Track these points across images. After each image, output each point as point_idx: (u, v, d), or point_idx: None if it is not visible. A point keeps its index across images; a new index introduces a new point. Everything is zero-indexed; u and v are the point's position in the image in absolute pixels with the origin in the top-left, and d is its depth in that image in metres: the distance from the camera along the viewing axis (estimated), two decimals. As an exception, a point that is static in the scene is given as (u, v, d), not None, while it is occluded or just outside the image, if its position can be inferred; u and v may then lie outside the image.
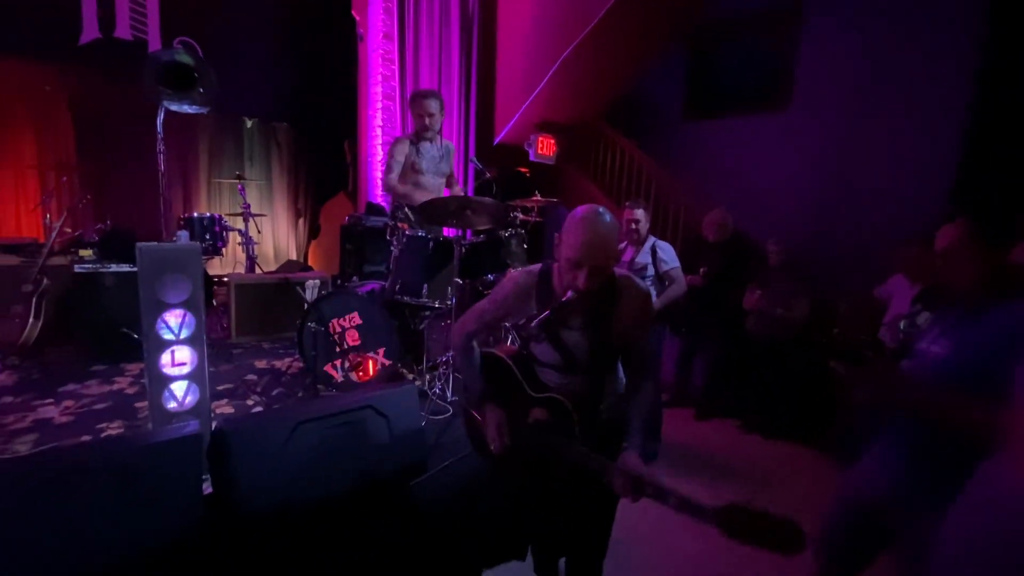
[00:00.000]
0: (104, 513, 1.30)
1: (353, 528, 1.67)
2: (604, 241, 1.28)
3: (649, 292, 1.37)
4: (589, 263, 1.26)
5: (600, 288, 1.31)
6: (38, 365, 2.84)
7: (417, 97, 2.90)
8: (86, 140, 4.11)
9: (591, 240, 1.26)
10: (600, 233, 1.28)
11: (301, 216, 5.39)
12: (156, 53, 1.69)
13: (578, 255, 1.26)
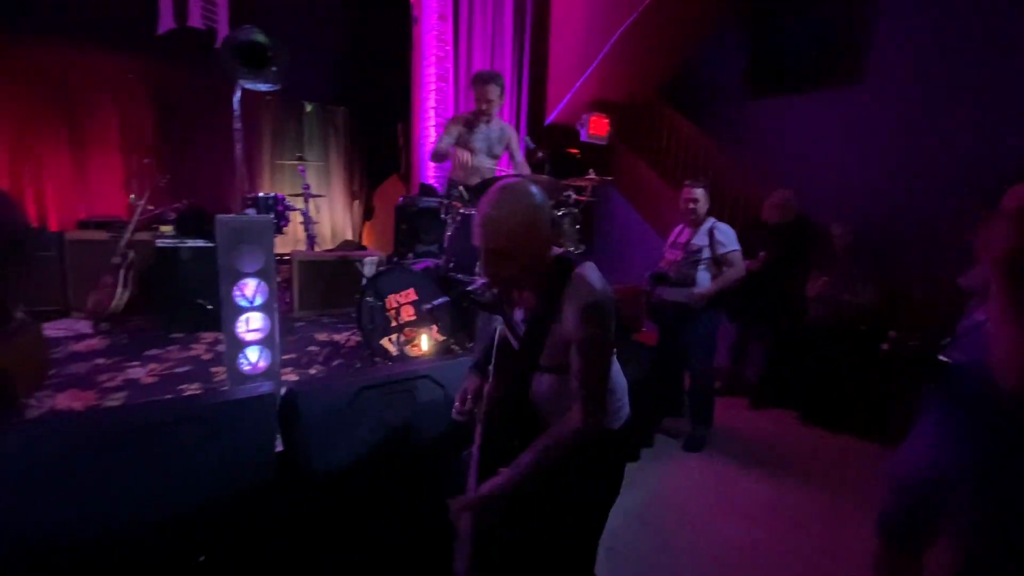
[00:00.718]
0: (189, 461, 1.43)
1: (408, 489, 1.75)
2: (500, 222, 1.10)
3: (597, 294, 1.09)
4: (482, 245, 1.12)
5: (549, 279, 1.15)
6: (125, 331, 3.10)
7: (479, 80, 2.91)
8: (164, 124, 4.40)
9: (485, 219, 1.12)
10: (499, 212, 1.11)
11: (356, 198, 5.57)
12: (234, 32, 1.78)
13: (475, 236, 1.13)
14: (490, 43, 4.38)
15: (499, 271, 1.15)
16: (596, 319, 1.11)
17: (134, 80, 4.36)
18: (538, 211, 1.13)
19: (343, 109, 5.39)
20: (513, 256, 1.12)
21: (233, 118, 1.82)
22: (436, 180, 4.28)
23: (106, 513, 1.32)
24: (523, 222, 1.11)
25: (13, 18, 3.67)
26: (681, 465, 2.80)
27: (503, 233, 1.10)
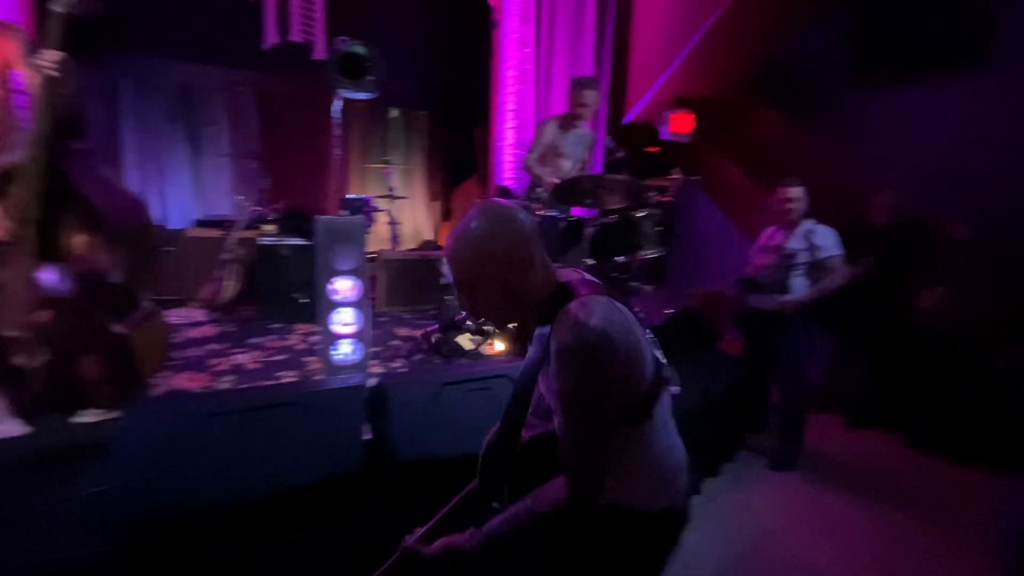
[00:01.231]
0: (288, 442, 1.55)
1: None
2: (457, 251, 1.00)
3: (581, 335, 0.91)
4: (451, 277, 1.04)
5: (543, 313, 1.00)
6: (233, 320, 3.42)
7: (578, 85, 2.94)
8: (268, 131, 4.81)
9: (445, 248, 1.04)
10: (456, 242, 1.01)
11: (436, 199, 5.76)
12: (335, 45, 1.90)
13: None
14: (571, 44, 4.36)
15: (472, 305, 1.05)
16: (575, 368, 0.92)
17: (242, 92, 4.80)
18: (501, 237, 0.98)
19: (425, 114, 5.59)
20: (479, 287, 1.01)
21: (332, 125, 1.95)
22: (514, 181, 4.32)
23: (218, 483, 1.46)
24: (483, 250, 0.98)
25: (145, 41, 4.15)
26: (767, 485, 2.63)
27: (460, 262, 1.01)
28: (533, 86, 4.33)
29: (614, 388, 0.95)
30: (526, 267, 1.00)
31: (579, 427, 0.96)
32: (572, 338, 0.92)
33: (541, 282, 1.02)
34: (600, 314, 0.94)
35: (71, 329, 1.80)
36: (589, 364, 0.92)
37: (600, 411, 0.96)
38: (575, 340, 0.92)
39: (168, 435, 1.40)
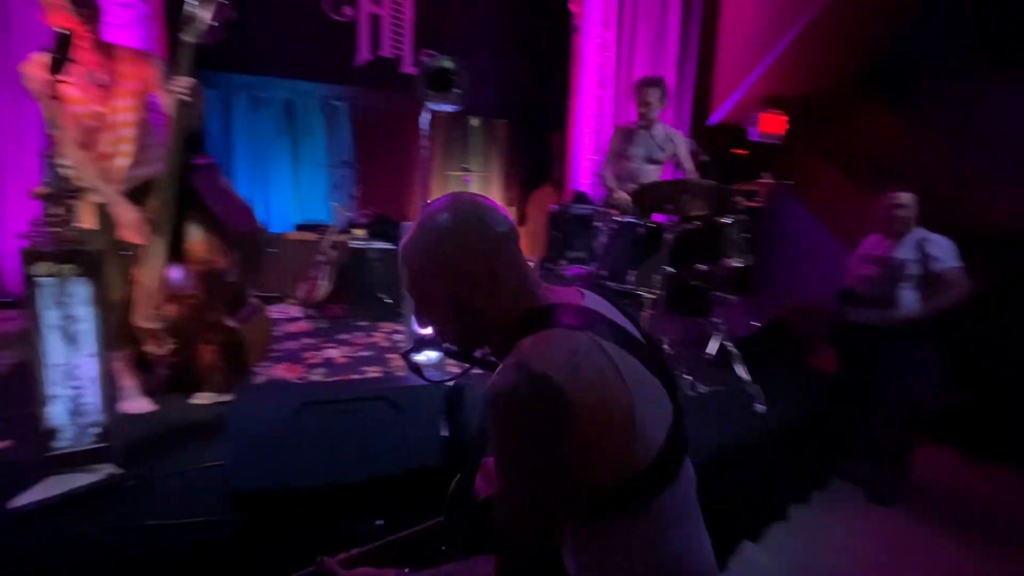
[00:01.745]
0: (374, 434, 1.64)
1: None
2: (407, 243, 0.81)
3: (513, 383, 0.70)
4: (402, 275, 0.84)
5: (503, 344, 0.79)
6: (325, 317, 3.68)
7: (639, 85, 2.92)
8: (359, 141, 5.14)
9: (399, 253, 0.84)
10: (404, 246, 0.82)
11: (512, 204, 5.85)
12: (425, 60, 2.01)
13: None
14: (653, 47, 4.26)
15: (430, 321, 0.86)
16: (500, 424, 0.71)
17: (338, 105, 5.17)
18: (459, 239, 0.77)
19: (504, 122, 5.70)
20: (424, 296, 0.83)
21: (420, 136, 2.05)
22: (590, 186, 4.29)
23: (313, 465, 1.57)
24: (435, 252, 0.78)
25: (255, 62, 4.59)
26: (863, 517, 2.39)
27: (408, 259, 0.81)
28: (613, 90, 4.28)
29: (564, 460, 0.70)
30: (483, 281, 0.78)
31: (511, 504, 0.73)
32: (502, 383, 0.70)
33: (506, 303, 0.80)
34: (557, 358, 0.71)
35: (192, 322, 2.03)
36: (517, 421, 0.70)
37: (542, 486, 0.71)
38: (505, 387, 0.70)
39: (271, 419, 1.53)
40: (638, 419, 0.73)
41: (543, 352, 0.72)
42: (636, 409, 0.73)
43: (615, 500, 0.75)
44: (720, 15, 4.61)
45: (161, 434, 1.88)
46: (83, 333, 1.58)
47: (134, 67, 1.91)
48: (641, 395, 0.75)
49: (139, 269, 1.93)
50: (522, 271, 0.83)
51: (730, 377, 2.56)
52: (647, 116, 2.92)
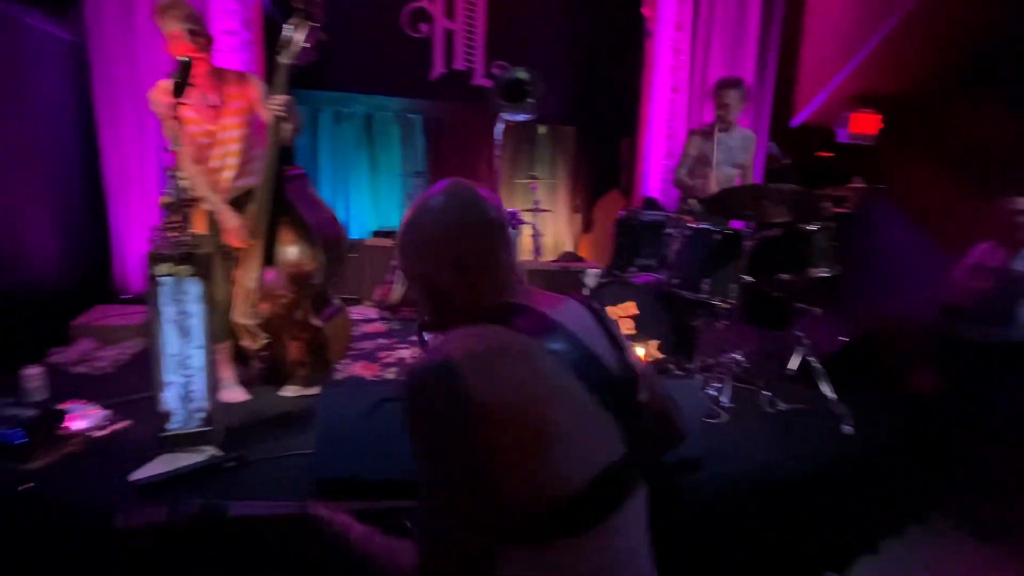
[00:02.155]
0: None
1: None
2: (399, 236, 0.83)
3: (418, 366, 0.72)
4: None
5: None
6: (398, 319, 3.85)
7: (717, 86, 2.84)
8: (432, 151, 5.36)
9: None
10: (407, 211, 0.84)
11: (577, 211, 5.83)
12: (500, 73, 2.06)
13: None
14: (730, 47, 4.10)
15: (412, 296, 0.88)
16: (406, 404, 0.70)
17: (412, 118, 5.42)
18: (441, 224, 0.78)
19: (572, 129, 5.71)
20: (407, 277, 0.86)
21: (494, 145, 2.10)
22: (661, 192, 4.19)
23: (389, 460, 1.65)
24: (416, 234, 0.80)
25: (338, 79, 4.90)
26: (966, 556, 2.16)
27: (399, 239, 0.83)
28: (686, 94, 4.16)
29: (468, 455, 0.66)
30: (448, 266, 0.78)
31: (425, 492, 0.70)
32: (412, 365, 0.72)
33: (473, 292, 0.79)
34: (472, 349, 0.70)
35: (282, 319, 2.20)
36: (417, 402, 0.69)
37: (448, 484, 0.69)
38: (412, 368, 0.71)
39: (353, 413, 1.63)
40: (557, 441, 0.68)
41: (463, 342, 0.72)
42: (556, 429, 0.68)
43: (528, 528, 0.68)
44: (805, 10, 4.37)
45: (254, 422, 2.06)
46: (194, 327, 1.76)
47: (239, 88, 2.11)
48: (570, 420, 0.70)
49: (239, 270, 2.13)
50: (497, 265, 0.81)
51: (813, 395, 2.40)
52: (725, 118, 2.83)
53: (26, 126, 2.89)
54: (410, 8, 5.09)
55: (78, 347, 2.73)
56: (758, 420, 2.31)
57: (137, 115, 3.38)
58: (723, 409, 2.33)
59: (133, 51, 3.33)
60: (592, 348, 0.78)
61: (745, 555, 1.77)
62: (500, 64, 5.28)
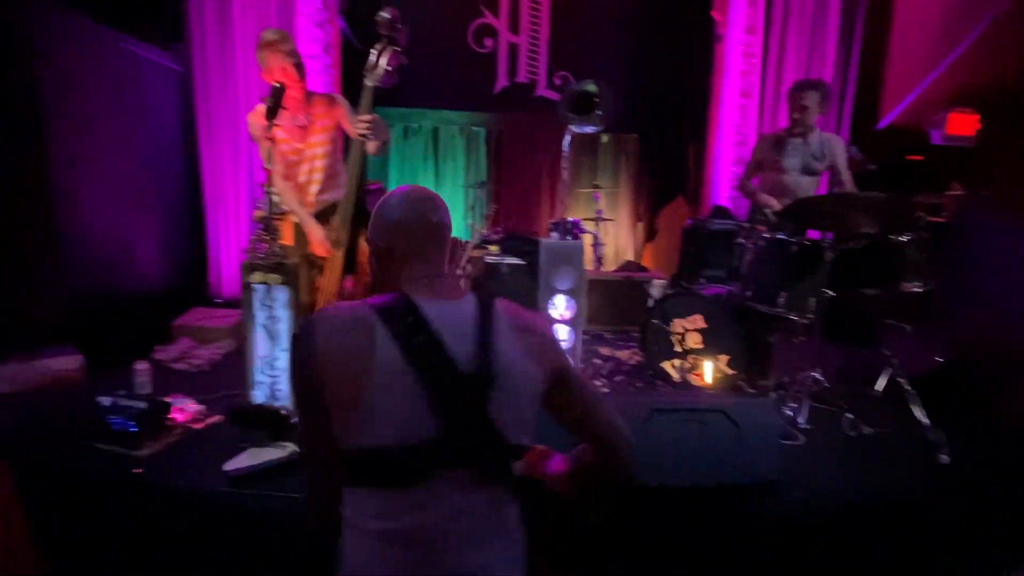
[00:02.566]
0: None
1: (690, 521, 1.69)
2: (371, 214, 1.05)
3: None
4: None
5: None
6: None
7: (795, 88, 2.70)
8: (494, 162, 5.48)
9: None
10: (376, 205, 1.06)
11: (640, 220, 5.73)
12: (569, 85, 2.09)
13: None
14: (807, 49, 3.91)
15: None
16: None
17: (476, 130, 5.57)
18: (384, 213, 1.00)
19: (634, 136, 5.64)
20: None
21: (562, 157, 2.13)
22: (731, 201, 4.05)
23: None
24: (372, 221, 1.03)
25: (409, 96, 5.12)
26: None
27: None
28: (757, 99, 4.01)
29: (306, 397, 0.90)
30: (376, 252, 1.01)
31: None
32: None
33: (388, 278, 0.99)
34: (333, 314, 0.93)
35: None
36: (290, 352, 0.97)
37: (303, 412, 0.95)
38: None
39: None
40: (365, 402, 0.83)
41: (324, 310, 0.96)
42: (367, 393, 0.83)
43: (353, 472, 0.87)
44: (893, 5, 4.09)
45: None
46: (282, 331, 1.90)
47: (325, 109, 2.27)
48: (383, 389, 0.84)
49: (322, 278, 2.27)
50: (417, 260, 0.97)
51: (903, 419, 2.22)
52: (803, 122, 2.67)
53: (142, 145, 3.25)
54: (476, 24, 5.26)
55: (178, 346, 3.01)
56: (840, 444, 2.17)
57: (232, 136, 3.71)
58: (800, 431, 2.21)
59: (229, 79, 3.66)
60: (446, 344, 0.88)
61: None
62: (563, 75, 5.33)
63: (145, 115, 3.29)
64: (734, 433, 1.78)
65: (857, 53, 3.97)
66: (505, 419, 0.89)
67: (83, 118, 2.71)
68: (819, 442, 2.16)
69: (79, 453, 1.88)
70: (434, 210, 1.01)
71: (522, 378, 0.92)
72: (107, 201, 2.90)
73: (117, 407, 1.97)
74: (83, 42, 2.76)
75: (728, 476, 1.74)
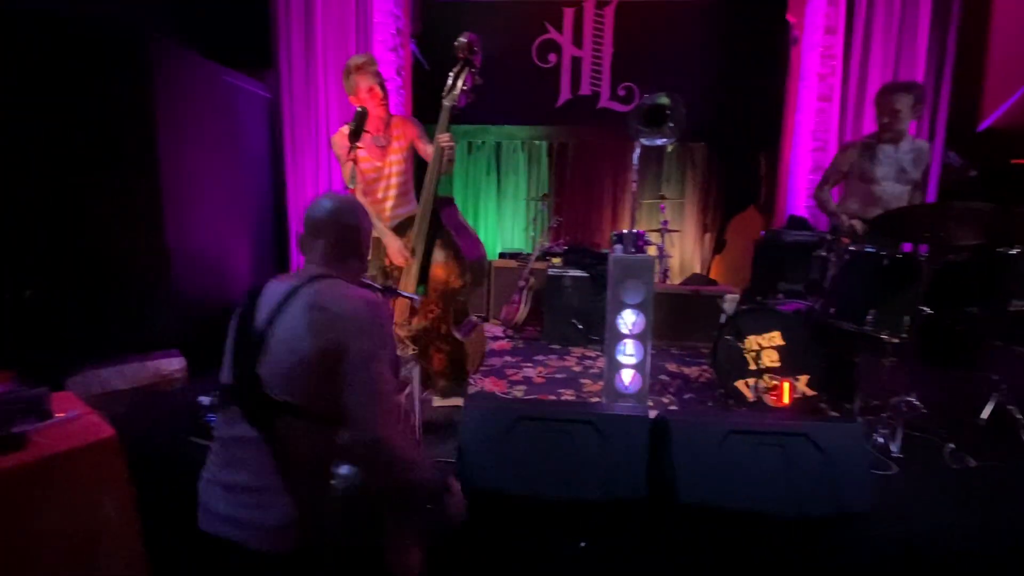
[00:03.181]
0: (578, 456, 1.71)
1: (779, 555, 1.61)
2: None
3: None
4: None
5: None
6: (523, 338, 3.98)
7: (883, 91, 2.53)
8: (557, 175, 5.51)
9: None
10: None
11: (708, 231, 5.54)
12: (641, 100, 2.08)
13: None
14: (894, 48, 3.65)
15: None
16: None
17: (538, 143, 5.63)
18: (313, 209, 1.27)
19: (702, 145, 5.48)
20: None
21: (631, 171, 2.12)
22: (807, 211, 3.84)
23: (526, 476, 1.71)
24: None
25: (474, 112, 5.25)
26: None
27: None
28: (839, 103, 3.78)
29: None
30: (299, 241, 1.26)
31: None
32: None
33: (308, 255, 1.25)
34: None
35: (430, 332, 2.41)
36: None
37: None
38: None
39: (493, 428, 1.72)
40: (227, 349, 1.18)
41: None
42: (230, 342, 1.18)
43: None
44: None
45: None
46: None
47: (402, 129, 2.40)
48: (230, 341, 1.18)
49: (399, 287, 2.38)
50: (305, 248, 1.24)
51: (1014, 451, 2.00)
52: (894, 128, 2.49)
53: (236, 167, 3.55)
54: (540, 40, 5.35)
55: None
56: (939, 477, 1.99)
57: (314, 157, 3.98)
58: (893, 460, 2.04)
59: (312, 104, 3.94)
60: (255, 315, 1.14)
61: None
62: (627, 85, 5.29)
63: (239, 139, 3.60)
64: (818, 459, 1.68)
65: (952, 48, 3.65)
66: (270, 377, 1.07)
67: (188, 143, 3.02)
68: (916, 473, 1.99)
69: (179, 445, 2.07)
70: (333, 211, 1.22)
71: (294, 346, 1.06)
72: (207, 219, 3.20)
73: (214, 406, 2.16)
74: (191, 74, 3.07)
75: (812, 506, 1.64)
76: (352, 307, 1.09)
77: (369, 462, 1.11)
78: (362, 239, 1.26)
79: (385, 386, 1.08)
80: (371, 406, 1.05)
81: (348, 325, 1.07)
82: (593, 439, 1.70)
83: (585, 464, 1.71)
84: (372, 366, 1.06)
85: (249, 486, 1.07)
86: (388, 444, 1.05)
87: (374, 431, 1.05)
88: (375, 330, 1.10)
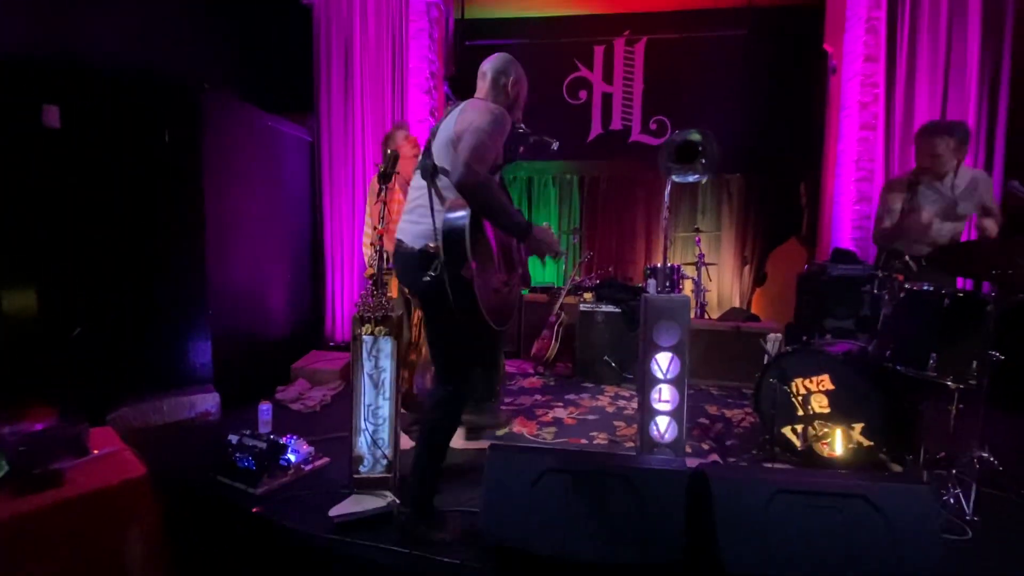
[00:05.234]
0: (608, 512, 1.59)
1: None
2: None
3: None
4: None
5: None
6: (554, 375, 3.87)
7: (923, 132, 2.41)
8: (588, 209, 5.48)
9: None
10: None
11: (747, 263, 5.34)
12: (672, 136, 2.03)
13: None
14: (942, 70, 3.49)
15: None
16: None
17: (570, 178, 5.64)
18: None
19: (737, 176, 5.36)
20: None
21: (664, 206, 2.05)
22: (854, 244, 3.64)
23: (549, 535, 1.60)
24: None
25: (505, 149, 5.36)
26: None
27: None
28: (883, 131, 3.62)
29: None
30: None
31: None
32: None
33: None
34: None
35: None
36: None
37: None
38: None
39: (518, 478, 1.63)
40: None
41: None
42: None
43: None
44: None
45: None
46: (386, 381, 1.98)
47: None
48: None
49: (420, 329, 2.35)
50: None
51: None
52: (936, 171, 2.38)
53: (277, 208, 3.69)
54: (570, 78, 5.43)
55: (296, 387, 3.27)
56: (1021, 542, 1.75)
57: (350, 198, 4.10)
58: (967, 524, 1.82)
59: (350, 147, 4.09)
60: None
61: None
62: (659, 119, 5.27)
63: (280, 180, 3.75)
64: (879, 523, 1.51)
65: (1007, 68, 3.46)
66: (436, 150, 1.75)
67: (232, 185, 3.16)
68: (992, 538, 1.77)
69: (206, 485, 2.07)
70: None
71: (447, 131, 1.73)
72: (247, 258, 3.31)
73: (242, 445, 2.16)
74: (237, 119, 3.24)
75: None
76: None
77: (470, 195, 1.55)
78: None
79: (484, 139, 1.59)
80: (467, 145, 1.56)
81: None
82: (626, 495, 1.58)
83: (617, 523, 1.59)
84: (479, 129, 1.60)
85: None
86: (474, 172, 1.53)
87: (466, 159, 1.52)
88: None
